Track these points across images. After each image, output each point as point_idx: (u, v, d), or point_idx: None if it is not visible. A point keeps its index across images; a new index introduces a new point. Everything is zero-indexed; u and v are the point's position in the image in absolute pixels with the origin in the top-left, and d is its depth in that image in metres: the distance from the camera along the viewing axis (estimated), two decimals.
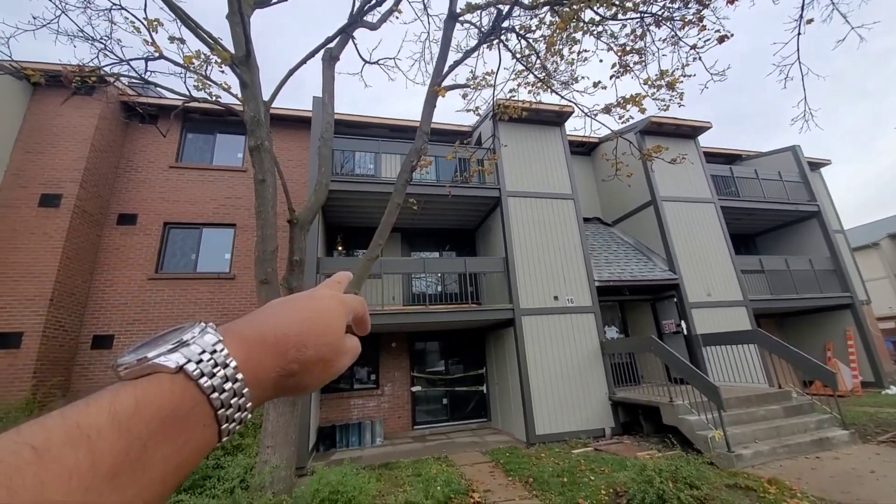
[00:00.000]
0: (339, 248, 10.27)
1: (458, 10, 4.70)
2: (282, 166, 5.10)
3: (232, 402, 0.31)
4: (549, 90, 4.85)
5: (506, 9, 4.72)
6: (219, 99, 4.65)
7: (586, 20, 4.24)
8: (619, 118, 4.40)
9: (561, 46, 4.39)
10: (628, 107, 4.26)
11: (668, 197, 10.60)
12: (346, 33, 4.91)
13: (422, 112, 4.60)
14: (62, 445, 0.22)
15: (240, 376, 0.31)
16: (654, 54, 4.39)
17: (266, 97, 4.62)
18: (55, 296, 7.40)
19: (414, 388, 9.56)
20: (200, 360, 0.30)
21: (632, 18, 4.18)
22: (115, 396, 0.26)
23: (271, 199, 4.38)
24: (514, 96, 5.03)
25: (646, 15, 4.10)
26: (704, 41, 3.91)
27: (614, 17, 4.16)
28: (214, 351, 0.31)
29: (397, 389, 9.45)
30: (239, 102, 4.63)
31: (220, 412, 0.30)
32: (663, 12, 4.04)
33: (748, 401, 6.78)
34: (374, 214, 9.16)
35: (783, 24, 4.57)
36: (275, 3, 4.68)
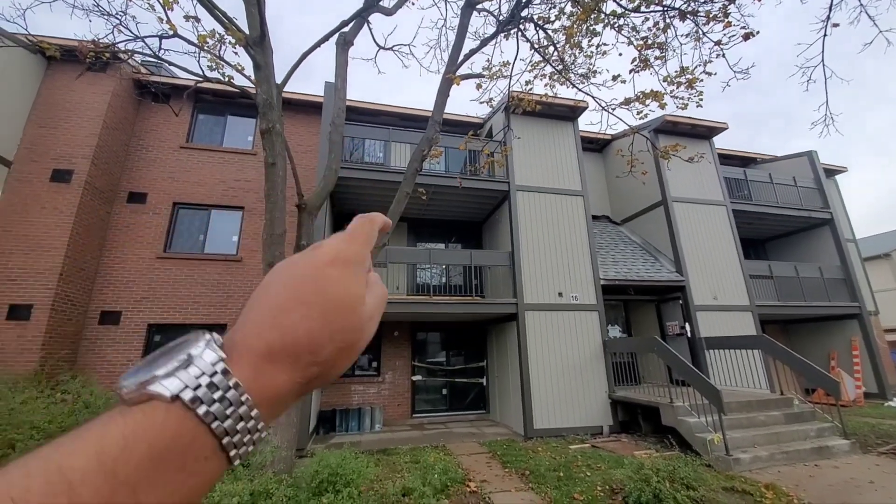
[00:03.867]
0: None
1: None
2: (292, 151, 5.09)
3: (238, 427, 0.28)
4: (566, 82, 4.77)
5: None
6: (231, 80, 4.63)
7: (607, 12, 4.15)
8: (638, 114, 4.32)
9: (580, 38, 4.30)
10: (648, 102, 4.18)
11: (679, 198, 10.48)
12: (361, 17, 4.85)
13: (435, 101, 4.55)
14: (42, 495, 0.21)
15: (245, 398, 0.28)
16: (674, 50, 4.29)
17: (279, 80, 4.59)
18: (65, 270, 7.49)
19: (414, 378, 9.62)
20: (199, 386, 0.27)
21: (655, 11, 4.08)
22: (105, 432, 0.24)
23: (281, 183, 4.38)
24: (530, 88, 4.96)
25: (669, 9, 4.00)
26: (729, 38, 3.80)
27: (637, 10, 4.06)
28: (215, 373, 0.28)
29: (398, 378, 9.53)
30: (251, 85, 4.60)
31: (224, 440, 0.27)
32: (688, 6, 3.94)
33: (749, 406, 6.75)
34: (382, 203, 9.14)
35: (809, 24, 4.45)
36: None
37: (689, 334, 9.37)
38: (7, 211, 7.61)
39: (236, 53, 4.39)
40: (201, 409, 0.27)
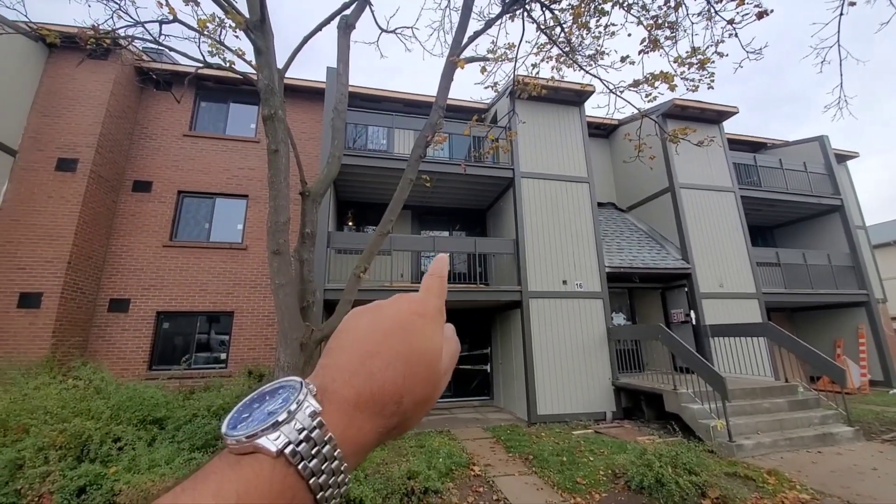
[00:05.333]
0: (350, 224, 10.29)
1: None
2: (294, 139, 5.05)
3: (330, 481, 0.30)
4: (573, 65, 4.65)
5: None
6: (233, 65, 4.57)
7: None
8: (647, 96, 4.22)
9: (588, 18, 4.17)
10: (657, 84, 4.07)
11: (686, 184, 10.33)
12: None
13: (438, 85, 4.47)
14: None
15: (337, 453, 0.30)
16: (685, 30, 4.17)
17: (280, 65, 4.53)
18: (73, 258, 7.58)
19: None
20: (300, 442, 0.29)
21: None
22: (219, 489, 0.26)
23: (284, 170, 4.35)
24: (536, 72, 4.85)
25: None
26: (743, 16, 3.67)
27: None
28: (314, 428, 0.30)
29: None
30: (253, 71, 4.55)
31: (318, 495, 0.29)
32: None
33: (753, 393, 6.76)
34: (385, 191, 9.11)
35: (825, 3, 4.29)
36: None
37: (693, 322, 9.34)
38: (14, 200, 7.67)
39: (237, 37, 4.32)
40: (301, 465, 0.29)
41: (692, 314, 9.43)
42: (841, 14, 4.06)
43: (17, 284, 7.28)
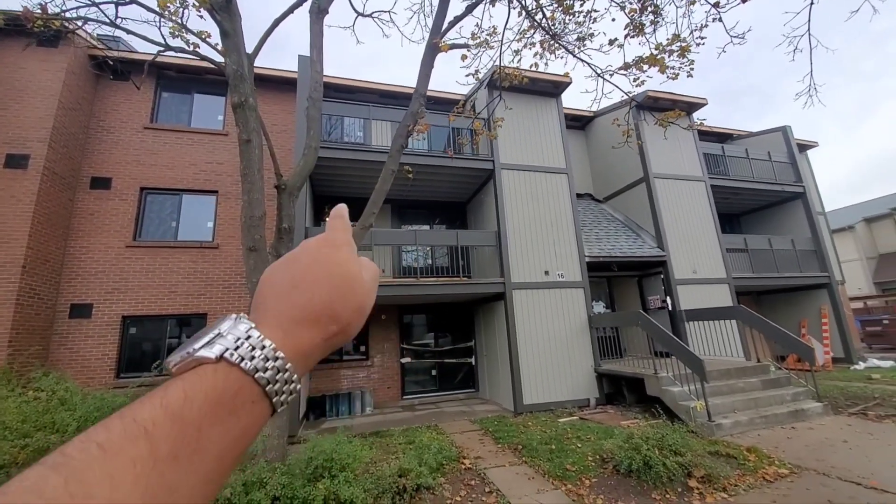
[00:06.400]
0: (327, 219, 9.99)
1: None
2: (267, 130, 4.81)
3: (278, 377, 0.32)
4: (558, 49, 4.59)
5: None
6: (197, 48, 4.29)
7: None
8: (635, 80, 4.22)
9: (571, 2, 4.12)
10: (645, 67, 4.07)
11: (660, 174, 10.57)
12: None
13: (419, 72, 4.33)
14: (123, 439, 0.25)
15: (280, 354, 0.33)
16: (663, 18, 4.18)
17: (249, 50, 4.28)
18: (27, 262, 7.04)
19: (403, 360, 9.60)
20: (238, 347, 0.31)
21: None
22: (165, 392, 0.28)
23: (257, 161, 4.14)
24: (518, 59, 4.79)
25: None
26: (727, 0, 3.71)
27: None
28: (249, 336, 0.32)
29: (387, 360, 9.49)
30: (219, 57, 4.28)
31: (268, 388, 0.32)
32: None
33: (728, 373, 7.00)
34: (363, 184, 8.89)
35: None
36: None
37: (670, 307, 9.61)
38: None
39: (201, 17, 4.04)
40: (243, 363, 0.31)
41: (668, 300, 9.70)
42: (812, 3, 4.16)
43: None
